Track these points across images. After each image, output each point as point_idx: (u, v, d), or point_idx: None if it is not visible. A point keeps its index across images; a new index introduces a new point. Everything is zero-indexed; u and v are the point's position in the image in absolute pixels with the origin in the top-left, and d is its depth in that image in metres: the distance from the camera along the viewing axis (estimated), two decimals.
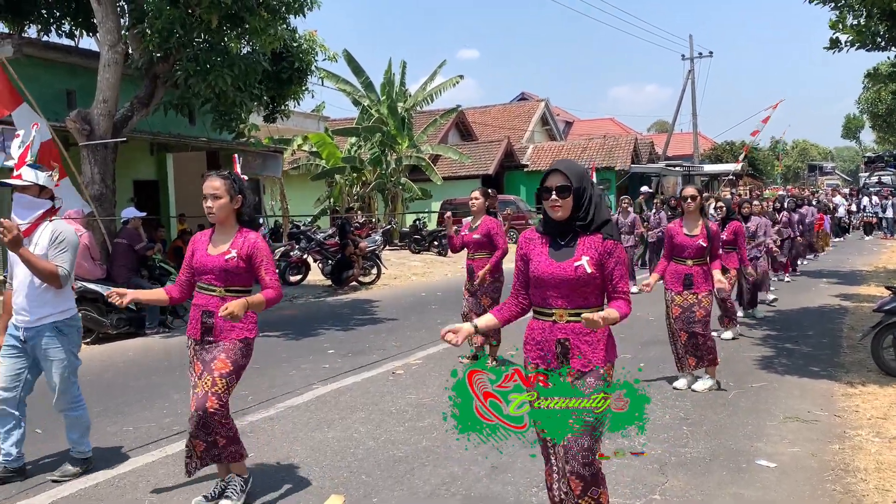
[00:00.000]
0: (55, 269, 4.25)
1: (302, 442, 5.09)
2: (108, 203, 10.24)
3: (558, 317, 3.04)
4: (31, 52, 11.67)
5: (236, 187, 3.94)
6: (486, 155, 29.89)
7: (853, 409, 5.71)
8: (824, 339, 8.52)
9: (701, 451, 4.78)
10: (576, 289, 3.02)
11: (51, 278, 4.25)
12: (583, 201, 3.03)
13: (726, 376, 6.74)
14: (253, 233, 3.97)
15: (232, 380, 3.86)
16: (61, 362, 4.38)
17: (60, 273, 4.27)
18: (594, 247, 3.03)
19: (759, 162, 49.52)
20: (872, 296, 11.31)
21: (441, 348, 8.27)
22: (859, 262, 18.38)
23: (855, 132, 68.73)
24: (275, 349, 8.49)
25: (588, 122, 55.57)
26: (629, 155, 31.29)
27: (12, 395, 4.38)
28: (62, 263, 4.30)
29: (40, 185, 4.45)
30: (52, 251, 4.31)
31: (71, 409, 4.50)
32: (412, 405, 5.95)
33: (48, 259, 4.28)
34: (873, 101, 31.17)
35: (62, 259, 4.31)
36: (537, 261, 3.08)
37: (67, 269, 4.32)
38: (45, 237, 4.35)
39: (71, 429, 4.54)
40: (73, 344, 4.49)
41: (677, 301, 6.31)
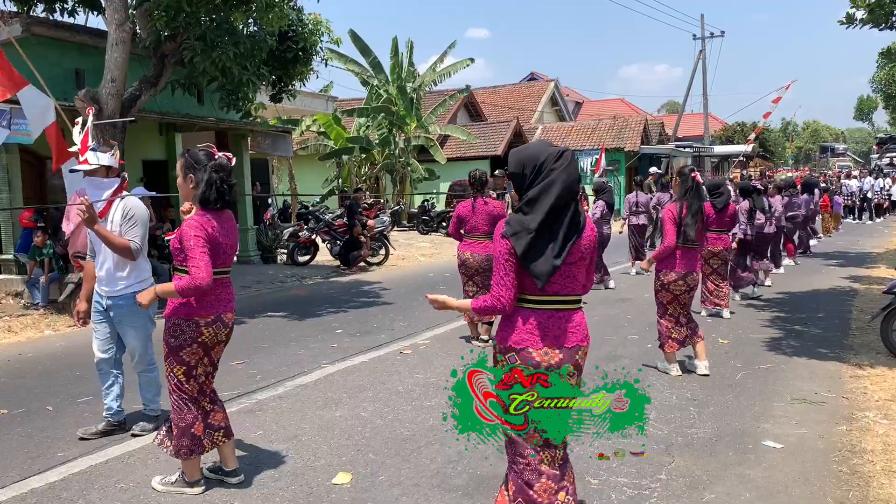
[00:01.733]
0: (128, 244, 4.57)
1: (310, 420, 5.13)
2: None
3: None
4: (40, 31, 11.66)
5: (190, 166, 3.87)
6: (495, 135, 29.76)
7: (861, 390, 5.70)
8: (833, 321, 8.49)
9: (707, 432, 4.79)
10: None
11: (124, 252, 4.57)
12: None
13: (734, 358, 6.74)
14: (193, 218, 3.78)
15: (171, 362, 3.87)
16: (139, 328, 4.78)
17: (132, 247, 4.58)
18: None
19: (770, 143, 49.17)
20: (882, 278, 11.25)
21: (448, 328, 8.29)
22: (869, 244, 18.27)
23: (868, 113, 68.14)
24: (284, 329, 8.54)
25: (598, 103, 55.21)
26: (639, 136, 31.07)
27: (108, 356, 4.87)
28: (133, 237, 4.61)
29: (106, 166, 4.79)
30: (125, 227, 4.63)
31: (147, 370, 4.89)
32: (419, 385, 5.97)
33: (121, 234, 4.59)
34: (887, 80, 30.79)
35: (133, 233, 4.63)
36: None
37: (139, 242, 4.64)
38: (118, 214, 4.67)
39: (146, 388, 4.94)
40: (150, 312, 4.74)
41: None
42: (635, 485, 3.99)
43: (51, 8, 12.24)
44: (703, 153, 35.25)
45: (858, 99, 65.71)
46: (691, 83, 37.06)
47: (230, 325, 3.95)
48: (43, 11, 12.33)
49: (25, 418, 5.31)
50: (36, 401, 5.70)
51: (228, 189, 3.86)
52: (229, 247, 3.91)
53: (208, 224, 3.76)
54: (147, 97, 10.77)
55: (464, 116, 33.33)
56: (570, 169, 2.87)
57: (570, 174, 2.86)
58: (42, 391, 6.02)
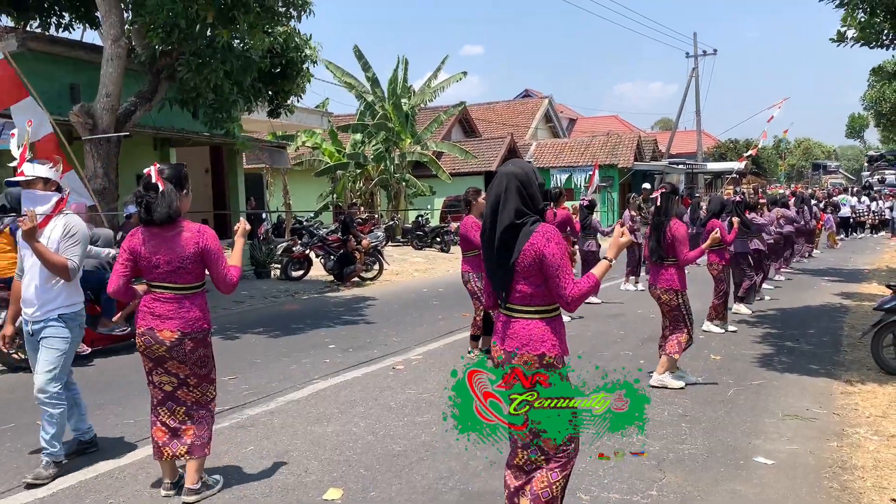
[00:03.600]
0: (66, 262, 4.31)
1: (301, 436, 5.11)
2: (110, 197, 10.27)
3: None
4: (36, 46, 11.70)
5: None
6: (490, 152, 29.88)
7: (852, 407, 5.72)
8: (825, 338, 8.51)
9: (699, 448, 4.80)
10: None
11: (61, 271, 4.31)
12: None
13: (725, 374, 6.76)
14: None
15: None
16: (56, 351, 4.35)
17: (70, 266, 4.32)
18: None
19: (763, 160, 49.45)
20: (873, 294, 11.30)
21: (441, 344, 8.29)
22: (861, 260, 18.36)
23: (859, 131, 68.59)
24: (276, 344, 8.52)
25: (592, 120, 55.53)
26: (632, 153, 31.23)
27: None
28: (72, 256, 4.35)
29: (44, 178, 4.55)
30: (63, 244, 4.37)
31: (51, 403, 4.33)
32: (411, 400, 5.96)
33: (59, 252, 4.34)
34: (878, 98, 31.03)
35: (72, 252, 4.37)
36: None
37: (77, 262, 4.37)
38: (57, 230, 4.40)
39: (47, 426, 4.35)
40: (74, 340, 4.46)
41: None
42: (626, 500, 3.99)
43: (47, 23, 12.30)
44: (697, 170, 35.46)
45: (850, 117, 66.08)
46: (684, 100, 37.39)
47: (168, 344, 3.88)
48: (39, 26, 12.39)
49: (14, 433, 5.28)
50: (26, 416, 5.66)
51: (147, 206, 3.89)
52: (161, 262, 3.88)
53: (132, 238, 3.96)
54: (142, 112, 10.80)
55: (458, 132, 33.47)
56: (495, 189, 3.07)
57: (494, 194, 3.06)
58: (33, 407, 5.98)
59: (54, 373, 4.34)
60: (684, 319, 6.22)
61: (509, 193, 3.01)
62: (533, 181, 3.05)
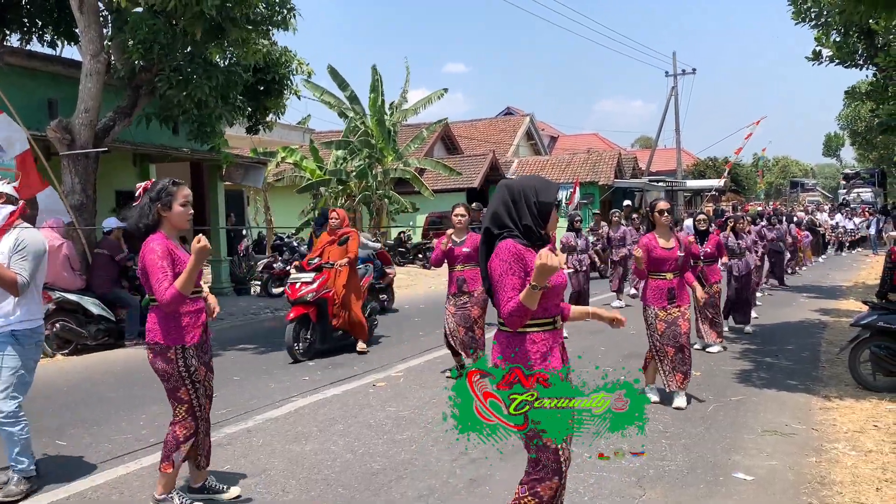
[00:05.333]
0: (14, 277, 4.16)
1: (279, 454, 5.05)
2: (88, 213, 10.16)
3: (558, 323, 3.16)
4: (14, 60, 11.60)
5: None
6: (472, 168, 29.97)
7: (830, 422, 5.75)
8: (803, 354, 8.58)
9: (679, 464, 4.79)
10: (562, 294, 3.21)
11: (8, 285, 4.16)
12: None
13: (705, 390, 6.77)
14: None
15: None
16: (9, 370, 4.20)
17: (19, 281, 4.17)
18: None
19: (742, 178, 50.01)
20: (851, 311, 11.41)
21: (422, 361, 8.25)
22: (839, 277, 18.56)
23: (835, 149, 69.68)
24: (255, 361, 8.44)
25: (572, 137, 55.90)
26: (613, 170, 31.48)
27: None
28: (20, 271, 4.20)
29: (5, 193, 4.45)
30: (13, 257, 4.22)
31: (7, 423, 4.21)
32: (391, 418, 5.92)
33: (8, 266, 4.19)
34: (853, 118, 31.53)
35: (20, 266, 4.21)
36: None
37: (27, 276, 4.21)
38: (6, 244, 4.26)
39: (7, 445, 4.24)
40: (29, 357, 4.30)
41: (661, 317, 6.16)
42: None
43: (27, 38, 12.22)
44: (676, 187, 35.76)
45: (826, 136, 67.18)
46: (664, 119, 37.82)
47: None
48: (19, 41, 12.30)
49: None
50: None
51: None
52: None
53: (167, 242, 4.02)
54: (120, 127, 10.72)
55: (441, 149, 33.54)
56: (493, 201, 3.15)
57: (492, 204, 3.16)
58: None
59: (7, 392, 4.20)
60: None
61: (495, 201, 3.13)
62: (525, 196, 3.06)
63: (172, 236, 3.98)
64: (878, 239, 27.97)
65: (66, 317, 8.88)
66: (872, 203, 38.54)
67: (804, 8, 11.40)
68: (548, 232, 3.13)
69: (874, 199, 40.39)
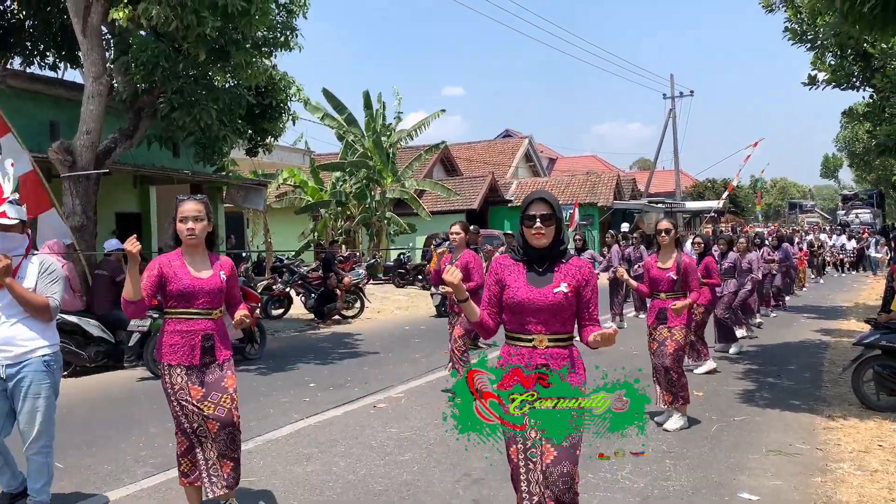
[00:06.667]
0: (46, 301, 4.14)
1: (280, 476, 5.00)
2: (88, 235, 10.16)
3: (538, 342, 3.06)
4: (16, 83, 11.68)
5: (210, 211, 4.05)
6: (471, 190, 30.07)
7: (835, 442, 5.71)
8: (806, 373, 8.54)
9: (683, 485, 4.75)
10: (554, 314, 3.08)
11: (42, 310, 4.12)
12: (561, 229, 3.16)
13: (709, 410, 6.74)
14: (222, 255, 4.14)
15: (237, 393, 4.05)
16: (47, 399, 4.12)
17: (52, 304, 4.16)
18: (572, 274, 3.12)
19: (741, 199, 50.14)
20: (853, 330, 11.39)
21: (423, 381, 8.21)
22: (840, 297, 18.53)
23: (833, 171, 69.99)
24: (255, 383, 8.39)
25: (571, 159, 56.15)
26: (612, 192, 31.58)
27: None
28: (53, 294, 4.18)
29: (22, 222, 4.30)
30: (42, 283, 4.18)
31: (43, 452, 4.14)
32: (393, 439, 5.88)
33: (37, 292, 4.15)
34: (851, 139, 31.68)
35: (52, 290, 4.19)
36: (515, 287, 3.11)
37: (58, 300, 4.21)
38: (32, 270, 4.20)
39: (37, 476, 4.14)
40: (57, 382, 4.26)
41: (653, 335, 6.27)
42: None
43: (30, 61, 12.31)
44: (675, 209, 35.86)
45: (824, 157, 67.52)
46: (662, 140, 38.02)
47: None
48: (21, 64, 12.39)
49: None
50: None
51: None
52: None
53: None
54: (122, 149, 10.76)
55: (440, 171, 33.67)
56: None
57: None
58: None
59: (46, 419, 4.13)
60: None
61: None
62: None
63: (189, 253, 3.96)
64: (878, 261, 27.96)
65: (66, 338, 8.80)
66: (871, 224, 38.62)
67: (800, 30, 11.49)
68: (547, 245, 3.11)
69: (873, 220, 40.48)
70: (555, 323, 3.09)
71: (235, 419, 3.94)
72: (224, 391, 3.93)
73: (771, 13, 10.94)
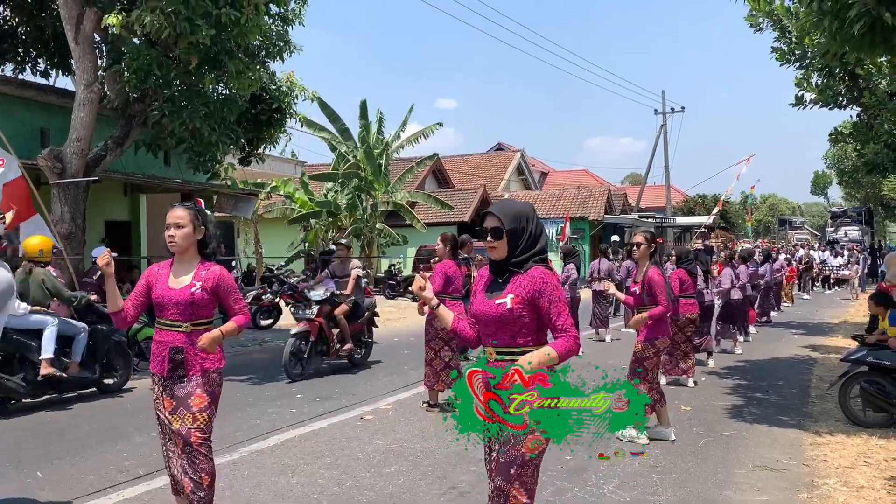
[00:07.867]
0: None
1: (265, 487, 4.96)
2: (77, 242, 10.11)
3: (488, 354, 3.04)
4: (6, 89, 11.65)
5: (200, 219, 3.89)
6: (463, 203, 30.11)
7: (821, 458, 5.72)
8: (793, 389, 8.56)
9: (670, 499, 4.74)
10: (500, 327, 3.00)
11: None
12: (519, 241, 3.02)
13: (696, 424, 6.74)
14: (216, 265, 3.89)
15: (211, 412, 3.82)
16: None
17: None
18: (524, 285, 2.97)
19: (731, 215, 50.39)
20: (840, 347, 11.43)
21: (411, 394, 8.18)
22: (827, 314, 18.62)
23: (823, 188, 70.42)
24: (242, 393, 8.34)
25: (563, 173, 56.36)
26: (603, 206, 31.68)
27: None
28: None
29: None
30: None
31: None
32: (379, 451, 5.84)
33: None
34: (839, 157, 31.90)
35: None
36: (475, 299, 3.13)
37: None
38: None
39: None
40: None
41: (636, 348, 6.27)
42: None
43: (21, 68, 12.29)
44: (666, 224, 36.00)
45: (814, 174, 67.92)
46: (653, 155, 38.33)
47: None
48: (13, 71, 12.36)
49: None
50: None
51: None
52: None
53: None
54: (112, 157, 10.73)
55: (432, 183, 33.73)
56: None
57: None
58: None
59: None
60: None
61: None
62: None
63: (177, 261, 3.89)
64: (866, 278, 28.10)
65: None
66: (860, 241, 38.85)
67: (788, 49, 11.57)
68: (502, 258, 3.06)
69: (861, 238, 40.73)
70: (503, 336, 2.99)
71: (194, 439, 3.72)
72: (188, 409, 3.75)
73: (759, 32, 10.99)
